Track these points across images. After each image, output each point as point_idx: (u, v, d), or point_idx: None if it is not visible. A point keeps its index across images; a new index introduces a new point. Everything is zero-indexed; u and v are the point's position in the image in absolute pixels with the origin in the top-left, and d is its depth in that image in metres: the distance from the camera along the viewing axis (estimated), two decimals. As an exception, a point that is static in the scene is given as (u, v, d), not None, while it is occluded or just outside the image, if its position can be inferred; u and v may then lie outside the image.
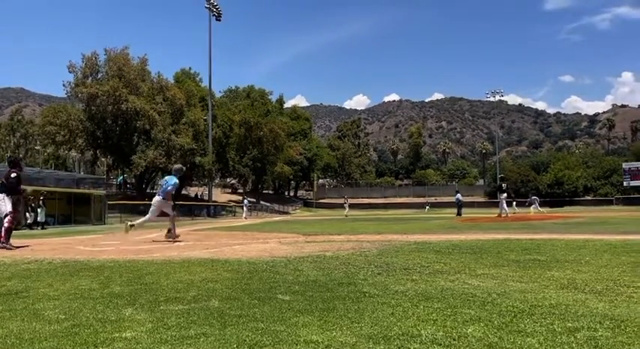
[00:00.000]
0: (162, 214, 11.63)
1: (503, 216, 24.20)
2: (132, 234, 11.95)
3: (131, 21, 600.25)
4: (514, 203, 26.34)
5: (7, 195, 9.99)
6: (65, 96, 46.41)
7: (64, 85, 43.91)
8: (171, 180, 11.44)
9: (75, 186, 34.35)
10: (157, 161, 42.52)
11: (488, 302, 3.68)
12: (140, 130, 43.68)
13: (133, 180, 52.76)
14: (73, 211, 30.52)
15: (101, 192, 35.72)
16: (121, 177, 58.56)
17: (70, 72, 43.87)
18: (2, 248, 9.36)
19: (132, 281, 5.04)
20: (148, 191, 50.21)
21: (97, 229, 22.10)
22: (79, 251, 9.02)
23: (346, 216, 41.44)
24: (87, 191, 33.92)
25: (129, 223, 11.80)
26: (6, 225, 9.79)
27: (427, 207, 65.24)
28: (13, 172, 10.09)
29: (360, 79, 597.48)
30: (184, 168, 14.93)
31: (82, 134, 43.58)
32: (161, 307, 3.73)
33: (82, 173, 59.87)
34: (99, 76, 44.79)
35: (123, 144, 45.04)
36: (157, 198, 11.48)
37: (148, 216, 11.65)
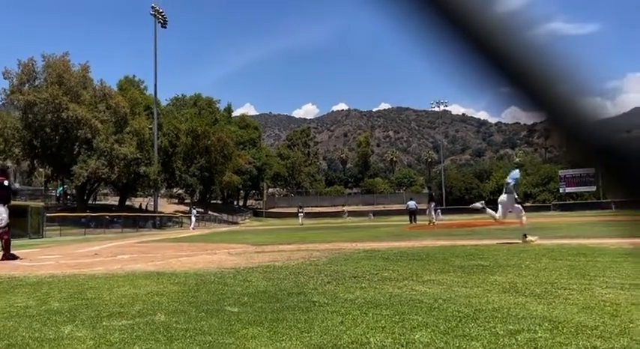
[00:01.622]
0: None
1: (433, 223, 25.11)
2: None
3: (71, 26, 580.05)
4: (439, 211, 27.69)
5: (5, 206, 9.98)
6: (0, 103, 44.26)
7: (-2, 92, 41.89)
8: (513, 174, 11.00)
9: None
10: (99, 171, 41.12)
11: (435, 308, 3.76)
12: (81, 139, 42.14)
13: (74, 191, 50.75)
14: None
15: (39, 204, 34.11)
16: (61, 188, 56.18)
17: (5, 78, 41.91)
18: (5, 258, 9.57)
19: (72, 296, 4.82)
20: (90, 202, 48.43)
21: (35, 243, 21.05)
22: (14, 266, 8.58)
23: (301, 224, 41.56)
24: (23, 203, 32.29)
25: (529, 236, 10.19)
26: (5, 237, 9.93)
27: (371, 215, 66.72)
28: (6, 180, 10.18)
29: (309, 88, 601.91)
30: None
31: (18, 143, 41.58)
32: (103, 323, 3.59)
33: (18, 184, 57.00)
34: (36, 82, 42.99)
35: (63, 154, 43.29)
36: (502, 197, 10.79)
37: (498, 214, 10.86)
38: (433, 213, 26.84)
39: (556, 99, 0.61)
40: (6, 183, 10.10)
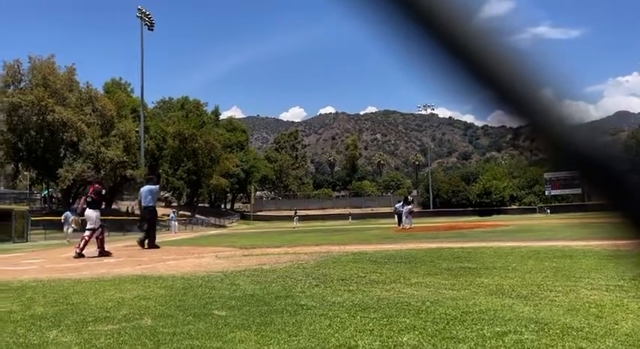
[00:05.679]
0: None
1: (408, 227, 25.13)
2: None
3: (58, 29, 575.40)
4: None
5: (99, 210, 11.26)
6: (-17, 105, 43.72)
7: (-18, 94, 41.39)
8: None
9: (-6, 202, 32.19)
10: (85, 174, 40.74)
11: (423, 311, 3.77)
12: (67, 142, 41.76)
13: (59, 195, 50.22)
14: (-9, 228, 28.46)
15: (23, 207, 33.67)
16: (46, 192, 55.54)
17: (-11, 80, 41.45)
18: (78, 255, 10.39)
19: (57, 301, 4.76)
20: (75, 206, 47.83)
21: (19, 247, 20.77)
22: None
23: (295, 227, 41.63)
24: (7, 206, 31.91)
25: None
26: (87, 237, 10.79)
27: (350, 218, 68.05)
28: (102, 189, 11.63)
29: (296, 91, 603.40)
30: None
31: (2, 146, 41.18)
32: (89, 328, 3.55)
33: (1, 188, 56.28)
34: (22, 84, 42.55)
35: (48, 157, 42.86)
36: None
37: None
38: (410, 217, 26.87)
39: (540, 103, 0.62)
40: (103, 192, 11.60)
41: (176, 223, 41.26)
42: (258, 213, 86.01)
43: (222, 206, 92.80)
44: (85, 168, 40.82)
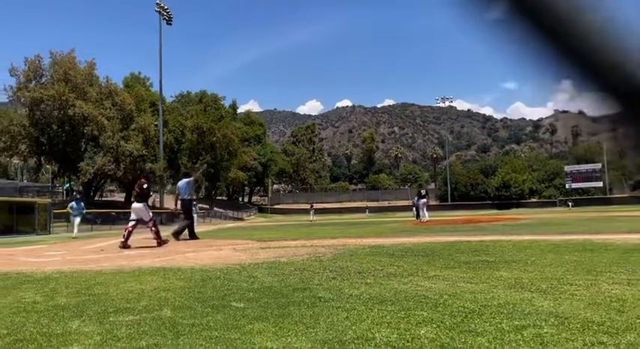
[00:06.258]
0: None
1: (424, 220, 24.95)
2: None
3: (77, 23, 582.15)
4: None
5: (145, 203, 11.53)
6: (6, 100, 44.54)
7: (5, 89, 42.17)
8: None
9: (17, 195, 32.87)
10: (105, 167, 41.34)
11: (440, 304, 3.76)
12: (88, 136, 42.37)
13: (81, 188, 51.04)
14: (15, 221, 29.10)
15: (46, 200, 34.28)
16: (68, 185, 56.47)
17: (11, 75, 42.16)
18: (160, 244, 11.12)
19: (79, 292, 4.85)
20: (96, 199, 48.64)
21: (42, 239, 21.18)
22: (22, 262, 8.63)
23: (312, 221, 41.78)
24: (30, 199, 32.52)
25: None
26: (154, 228, 11.36)
27: (367, 211, 68.05)
28: (145, 183, 11.78)
29: (313, 85, 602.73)
30: None
31: (24, 140, 41.86)
32: (110, 318, 3.62)
33: (25, 181, 57.35)
34: (43, 79, 43.18)
35: (69, 151, 43.54)
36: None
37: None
38: (425, 210, 26.70)
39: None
40: (145, 185, 11.71)
41: (196, 216, 41.54)
42: (276, 206, 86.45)
43: (240, 199, 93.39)
44: (106, 161, 41.38)
